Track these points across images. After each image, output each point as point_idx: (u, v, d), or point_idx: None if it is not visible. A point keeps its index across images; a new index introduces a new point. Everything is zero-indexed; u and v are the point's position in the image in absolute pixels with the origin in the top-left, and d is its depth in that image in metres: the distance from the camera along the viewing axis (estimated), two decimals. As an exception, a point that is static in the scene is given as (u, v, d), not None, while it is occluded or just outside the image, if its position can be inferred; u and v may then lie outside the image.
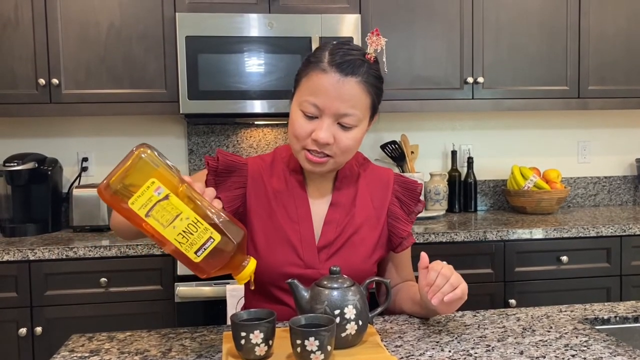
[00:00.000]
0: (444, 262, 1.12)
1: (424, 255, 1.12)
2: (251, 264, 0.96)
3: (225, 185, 1.23)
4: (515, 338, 1.07)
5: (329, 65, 1.12)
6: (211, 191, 0.97)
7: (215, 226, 0.89)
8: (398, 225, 1.28)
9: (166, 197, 0.88)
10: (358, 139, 1.17)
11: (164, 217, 0.88)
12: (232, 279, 2.12)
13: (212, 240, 0.89)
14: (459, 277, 1.09)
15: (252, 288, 1.02)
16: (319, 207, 1.25)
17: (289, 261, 1.20)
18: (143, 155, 0.89)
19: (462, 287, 1.08)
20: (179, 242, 0.88)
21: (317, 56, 1.15)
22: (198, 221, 0.89)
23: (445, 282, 1.07)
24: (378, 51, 1.17)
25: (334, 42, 1.18)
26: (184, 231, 0.88)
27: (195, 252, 0.89)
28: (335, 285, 1.02)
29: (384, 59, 1.21)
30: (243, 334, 0.92)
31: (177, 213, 0.88)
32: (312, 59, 1.16)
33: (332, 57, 1.13)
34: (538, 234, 2.27)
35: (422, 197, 1.51)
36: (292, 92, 1.20)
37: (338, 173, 1.27)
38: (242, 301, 1.42)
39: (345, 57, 1.12)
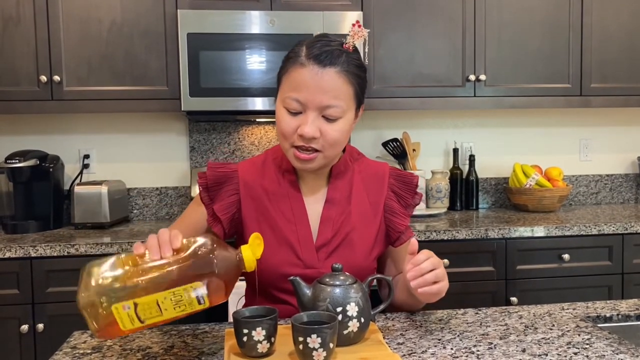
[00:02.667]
0: (433, 254, 1.09)
1: (413, 241, 1.09)
2: (245, 253, 0.95)
3: (220, 196, 1.24)
4: (517, 336, 1.07)
5: (307, 58, 1.11)
6: (166, 236, 0.92)
7: (188, 280, 0.88)
8: (395, 219, 1.27)
9: (135, 306, 0.87)
10: (345, 130, 1.16)
11: (151, 312, 0.88)
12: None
13: (198, 289, 0.89)
14: (444, 272, 1.08)
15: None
16: (314, 206, 1.25)
17: (288, 262, 1.20)
18: (94, 299, 0.87)
19: (442, 285, 1.07)
20: (181, 311, 0.90)
21: (295, 51, 1.15)
22: (174, 292, 0.88)
23: (431, 270, 1.05)
24: (361, 43, 1.17)
25: (312, 37, 1.18)
26: (175, 305, 0.89)
27: (198, 304, 0.90)
28: (338, 283, 1.01)
29: (366, 50, 1.21)
30: (245, 331, 0.92)
31: (155, 302, 0.88)
32: (290, 54, 1.16)
33: (310, 50, 1.12)
34: (540, 232, 2.26)
35: (420, 191, 1.50)
36: (276, 91, 1.20)
37: (332, 169, 1.26)
38: (243, 300, 1.41)
39: (323, 48, 1.12)
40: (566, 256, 2.28)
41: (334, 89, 1.11)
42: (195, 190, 2.57)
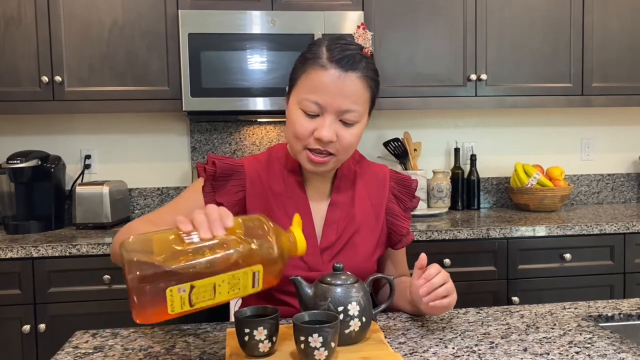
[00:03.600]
0: (442, 268, 1.10)
1: (423, 256, 1.10)
2: (297, 234, 0.92)
3: (225, 189, 1.21)
4: (519, 335, 1.07)
5: (329, 61, 1.10)
6: (216, 213, 0.86)
7: (251, 264, 0.84)
8: (397, 222, 1.28)
9: (192, 288, 0.82)
10: (359, 135, 1.16)
11: (205, 296, 0.83)
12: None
13: (257, 273, 0.85)
14: (453, 287, 1.09)
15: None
16: (318, 208, 1.24)
17: (291, 264, 1.18)
18: (147, 282, 0.80)
19: (451, 299, 1.08)
20: (234, 294, 0.85)
21: (314, 52, 1.13)
22: (234, 275, 0.83)
23: (442, 284, 1.06)
24: (367, 45, 1.16)
25: (329, 38, 1.16)
26: (230, 289, 0.84)
27: (252, 287, 0.86)
28: (339, 282, 1.01)
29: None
30: (247, 330, 0.92)
31: (213, 285, 0.83)
32: (308, 55, 1.14)
33: (331, 52, 1.11)
34: (541, 231, 2.26)
35: (419, 194, 1.50)
36: (288, 91, 1.18)
37: (337, 172, 1.26)
38: (240, 301, 1.41)
39: (344, 52, 1.11)
40: (568, 256, 2.28)
41: (354, 93, 1.11)
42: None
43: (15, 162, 2.27)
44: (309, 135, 1.12)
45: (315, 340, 0.88)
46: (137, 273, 0.79)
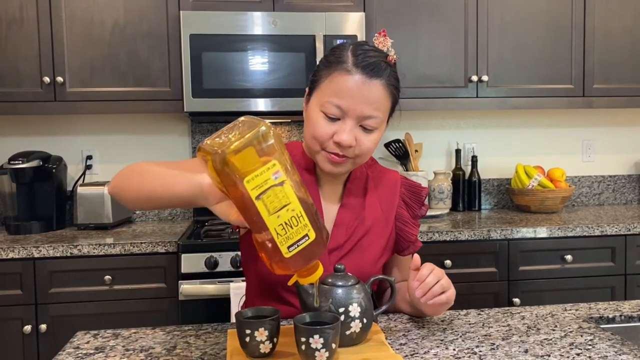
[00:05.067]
0: (435, 266, 1.11)
1: (416, 257, 1.11)
2: (320, 270, 0.93)
3: None
4: (520, 337, 1.07)
5: (354, 66, 1.10)
6: None
7: (313, 223, 0.85)
8: (406, 228, 1.28)
9: (281, 184, 0.81)
10: (377, 141, 1.17)
11: (272, 203, 0.81)
12: (235, 276, 2.11)
13: (307, 238, 0.85)
14: (449, 282, 1.09)
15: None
16: (329, 209, 1.25)
17: None
18: (263, 129, 0.80)
19: (449, 294, 1.08)
20: (277, 233, 0.82)
21: (339, 56, 1.13)
22: (301, 215, 0.83)
23: (436, 282, 1.07)
24: (390, 52, 1.16)
25: (352, 42, 1.17)
26: (285, 223, 0.82)
27: (289, 247, 0.84)
28: (340, 283, 1.02)
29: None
30: (248, 331, 0.92)
31: (286, 203, 0.82)
32: (332, 59, 1.14)
33: (356, 58, 1.11)
34: (542, 232, 2.26)
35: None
36: (308, 93, 1.19)
37: (349, 175, 1.26)
38: (244, 299, 1.41)
39: (370, 58, 1.11)
40: (569, 257, 2.28)
41: (377, 100, 1.12)
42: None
43: (16, 162, 2.27)
44: (329, 139, 1.12)
45: (316, 341, 0.88)
46: (266, 128, 0.80)
